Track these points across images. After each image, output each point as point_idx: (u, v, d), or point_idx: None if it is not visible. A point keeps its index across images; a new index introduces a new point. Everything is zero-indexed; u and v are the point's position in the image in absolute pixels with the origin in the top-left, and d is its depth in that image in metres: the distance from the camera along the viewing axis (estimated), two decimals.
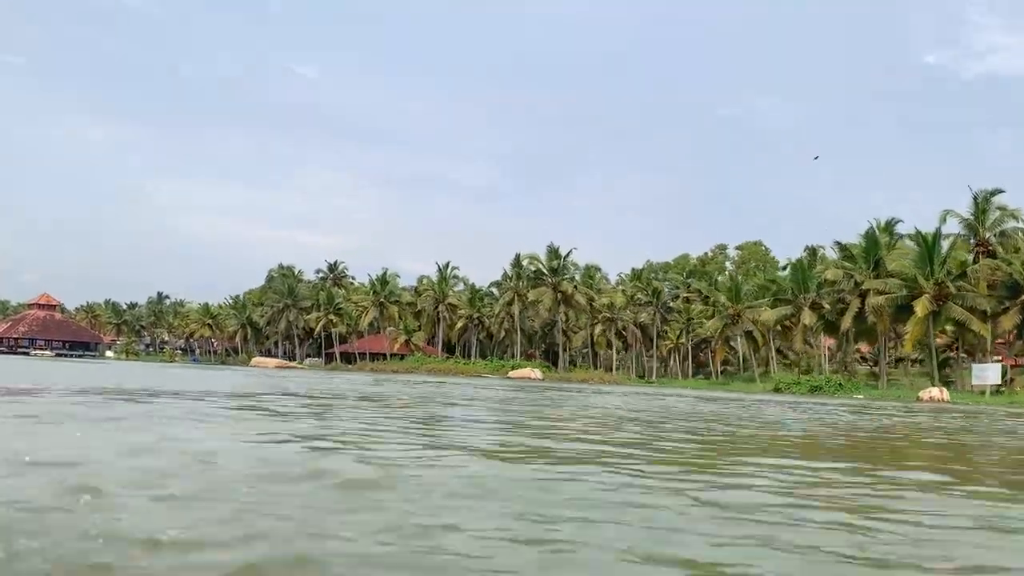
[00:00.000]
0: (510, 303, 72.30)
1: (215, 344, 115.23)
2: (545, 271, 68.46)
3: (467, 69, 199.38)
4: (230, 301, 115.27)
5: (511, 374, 60.87)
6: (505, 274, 76.06)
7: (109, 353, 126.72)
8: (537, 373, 59.55)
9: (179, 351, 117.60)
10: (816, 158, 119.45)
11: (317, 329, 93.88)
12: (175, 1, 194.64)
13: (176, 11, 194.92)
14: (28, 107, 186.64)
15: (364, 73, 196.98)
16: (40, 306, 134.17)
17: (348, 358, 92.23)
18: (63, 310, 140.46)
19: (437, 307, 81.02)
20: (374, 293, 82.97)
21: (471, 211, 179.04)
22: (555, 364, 72.26)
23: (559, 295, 66.88)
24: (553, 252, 67.91)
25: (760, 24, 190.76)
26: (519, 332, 74.63)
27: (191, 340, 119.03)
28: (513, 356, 75.93)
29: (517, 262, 73.73)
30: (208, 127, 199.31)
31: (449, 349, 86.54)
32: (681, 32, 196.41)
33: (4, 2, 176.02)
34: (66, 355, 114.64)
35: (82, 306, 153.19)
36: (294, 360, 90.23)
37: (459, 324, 79.03)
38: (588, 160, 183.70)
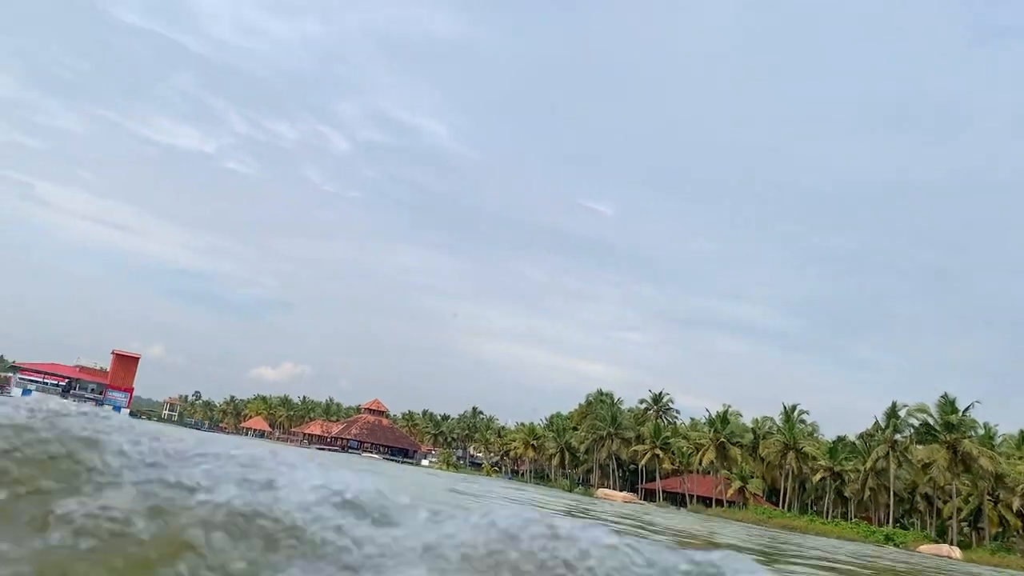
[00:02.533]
0: (884, 458, 62.33)
1: (529, 464, 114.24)
2: (938, 426, 58.11)
3: (754, 204, 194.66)
4: (543, 422, 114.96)
5: (922, 549, 50.76)
6: (877, 424, 66.24)
7: (424, 462, 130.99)
8: (956, 553, 48.86)
9: (495, 468, 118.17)
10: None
11: (642, 462, 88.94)
12: (491, 150, 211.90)
13: (492, 157, 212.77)
14: (361, 234, 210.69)
15: (654, 210, 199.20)
16: (371, 411, 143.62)
17: (673, 498, 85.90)
18: (388, 416, 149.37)
19: (785, 454, 72.58)
20: (714, 431, 76.55)
21: (754, 353, 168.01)
22: (942, 537, 60.30)
23: (957, 455, 56.08)
24: (949, 404, 57.60)
25: None
26: (890, 493, 63.94)
27: (506, 457, 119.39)
28: (878, 521, 65.03)
29: (893, 412, 63.92)
30: (508, 259, 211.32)
31: (778, 501, 77.31)
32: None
33: (353, 149, 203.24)
34: (391, 459, 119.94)
35: (404, 414, 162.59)
36: (621, 491, 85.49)
37: (816, 477, 69.73)
38: (890, 310, 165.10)
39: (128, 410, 76.34)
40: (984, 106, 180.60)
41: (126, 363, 79.24)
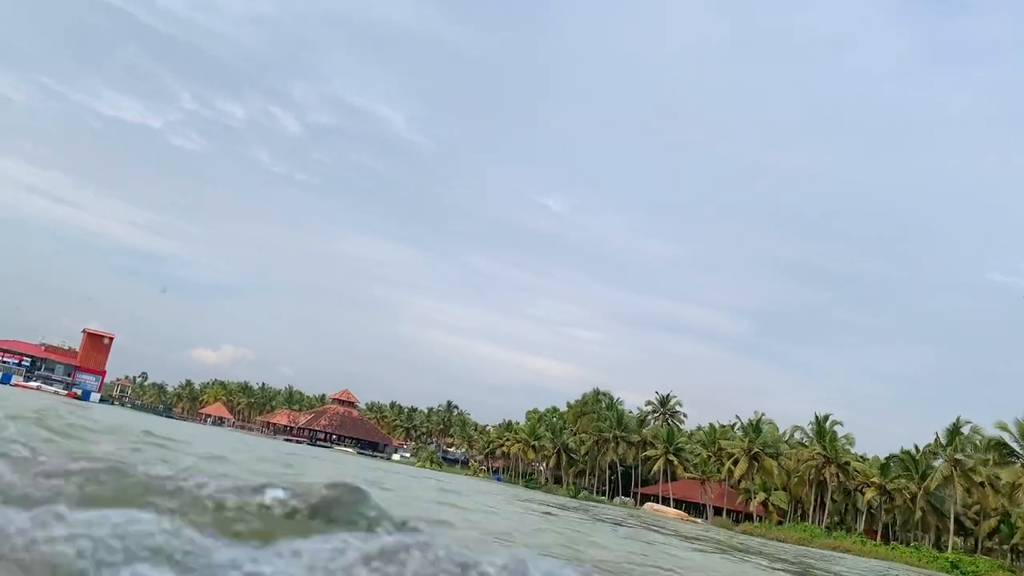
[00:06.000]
0: (946, 479, 57.49)
1: (519, 466, 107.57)
2: (1019, 447, 53.39)
3: (705, 209, 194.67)
4: (509, 420, 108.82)
5: None
6: (938, 440, 61.39)
7: (396, 456, 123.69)
8: None
9: (483, 469, 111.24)
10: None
11: (654, 468, 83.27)
12: (447, 140, 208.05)
13: (447, 148, 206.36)
14: (311, 218, 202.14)
15: (607, 210, 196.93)
16: (340, 402, 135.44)
17: (685, 508, 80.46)
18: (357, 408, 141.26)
19: (823, 468, 67.42)
20: (749, 441, 70.96)
21: (703, 355, 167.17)
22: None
23: None
24: None
25: None
26: (951, 517, 59.29)
27: (490, 457, 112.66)
28: (937, 545, 60.40)
29: (956, 429, 59.11)
30: (462, 251, 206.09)
31: (802, 515, 72.65)
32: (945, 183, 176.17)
33: (304, 132, 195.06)
34: (366, 454, 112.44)
35: (369, 405, 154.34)
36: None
37: (869, 495, 64.56)
38: (832, 317, 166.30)
39: (99, 395, 67.62)
40: (928, 122, 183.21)
41: (98, 343, 70.10)
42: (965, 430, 59.39)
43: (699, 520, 64.45)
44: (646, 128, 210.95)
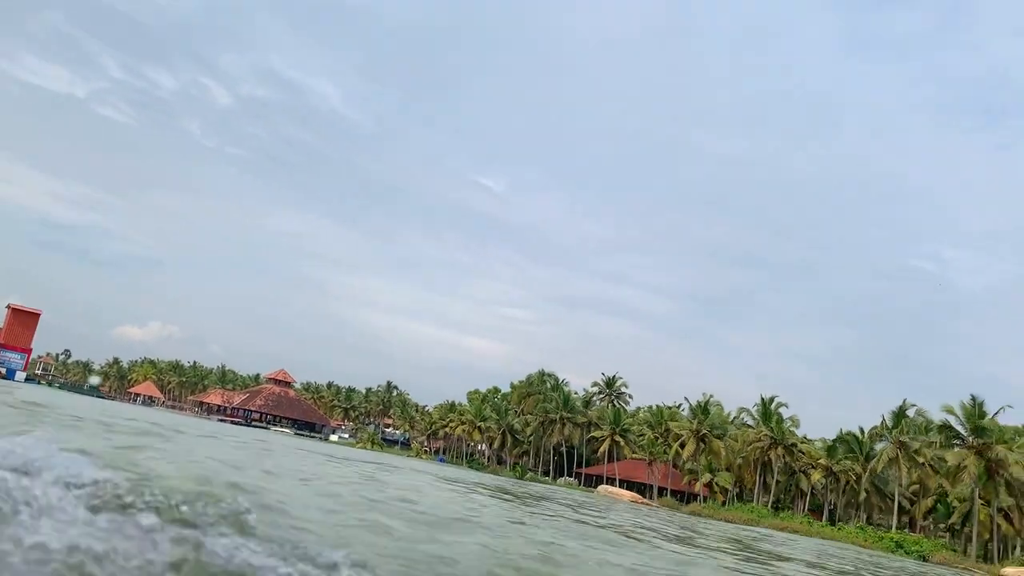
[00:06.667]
0: (893, 460, 58.41)
1: (462, 447, 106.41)
2: (964, 430, 54.38)
3: (645, 191, 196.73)
4: (469, 402, 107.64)
5: (1006, 571, 46.38)
6: (884, 423, 62.37)
7: (333, 437, 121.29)
8: None
9: (426, 450, 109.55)
10: None
11: (601, 449, 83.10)
12: (383, 117, 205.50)
13: (384, 125, 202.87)
14: (243, 193, 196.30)
15: (543, 190, 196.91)
16: (276, 381, 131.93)
17: (627, 486, 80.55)
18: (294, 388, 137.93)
19: (769, 449, 68.03)
20: (698, 423, 71.13)
21: (635, 336, 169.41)
22: (968, 549, 56.94)
23: (987, 463, 52.48)
24: (977, 407, 53.91)
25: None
26: (896, 498, 60.37)
27: (433, 437, 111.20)
28: (869, 522, 61.55)
29: (901, 411, 60.11)
30: (398, 229, 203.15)
31: (745, 496, 73.61)
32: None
33: (237, 104, 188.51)
34: (303, 435, 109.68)
35: (304, 384, 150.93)
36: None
37: (815, 476, 65.38)
38: (758, 300, 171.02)
39: (24, 373, 63.60)
40: (851, 110, 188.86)
41: (24, 319, 65.63)
42: (911, 413, 60.44)
43: (653, 503, 64.27)
44: (583, 111, 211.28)
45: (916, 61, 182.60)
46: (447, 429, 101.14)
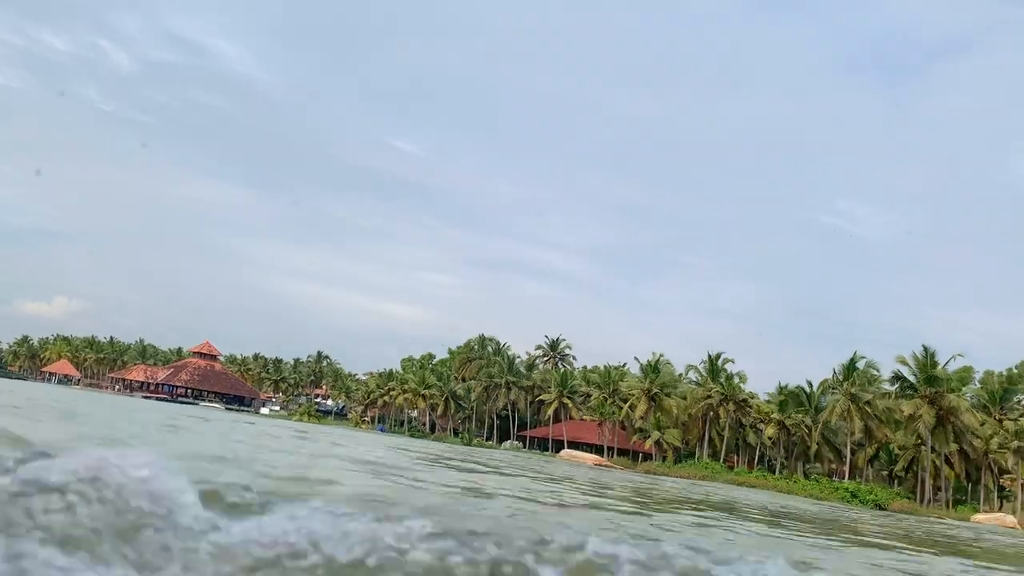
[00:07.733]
0: (845, 412, 59.13)
1: (403, 415, 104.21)
2: (916, 380, 55.25)
3: (559, 152, 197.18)
4: (407, 369, 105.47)
5: (977, 518, 46.98)
6: (835, 375, 63.04)
7: (264, 410, 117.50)
8: (1010, 520, 45.44)
9: (366, 420, 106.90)
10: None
11: (549, 412, 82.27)
12: (294, 79, 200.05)
13: (295, 87, 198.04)
14: (149, 161, 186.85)
15: (461, 153, 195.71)
16: (201, 355, 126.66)
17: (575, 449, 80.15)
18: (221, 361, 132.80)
19: (719, 406, 68.23)
20: (650, 382, 70.72)
21: (555, 297, 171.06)
22: (917, 496, 58.17)
23: (939, 411, 53.47)
24: (929, 357, 54.80)
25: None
26: (848, 448, 61.31)
27: (371, 407, 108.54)
28: (804, 474, 62.56)
29: (852, 364, 60.81)
30: (314, 196, 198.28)
31: (693, 453, 74.22)
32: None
33: (138, 68, 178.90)
34: (233, 409, 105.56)
35: (229, 357, 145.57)
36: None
37: (769, 431, 65.80)
38: (677, 259, 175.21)
39: None
40: (761, 68, 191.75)
41: None
42: (860, 365, 61.18)
43: (617, 466, 63.67)
44: (498, 73, 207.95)
45: (826, 19, 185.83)
46: (386, 398, 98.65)
